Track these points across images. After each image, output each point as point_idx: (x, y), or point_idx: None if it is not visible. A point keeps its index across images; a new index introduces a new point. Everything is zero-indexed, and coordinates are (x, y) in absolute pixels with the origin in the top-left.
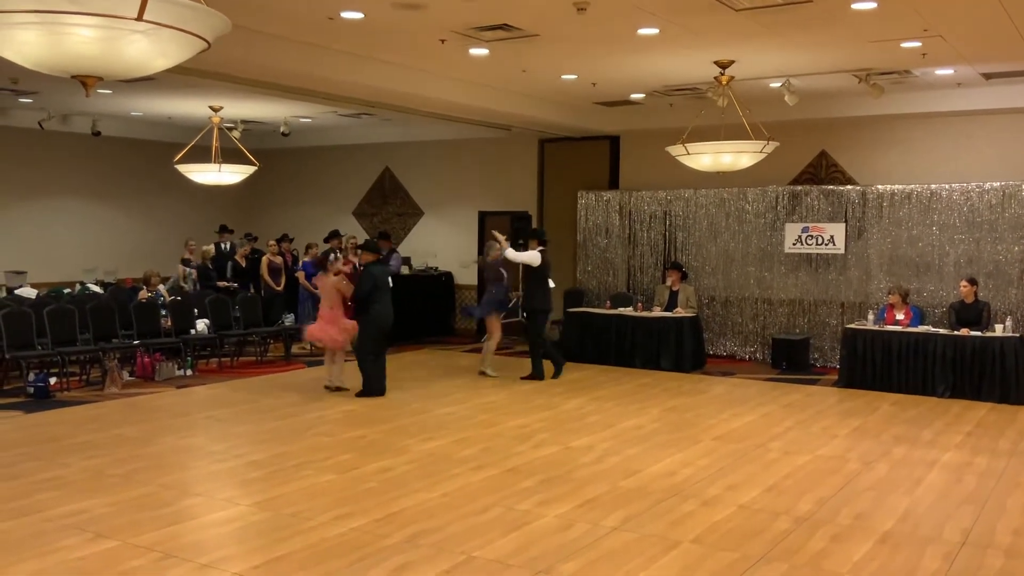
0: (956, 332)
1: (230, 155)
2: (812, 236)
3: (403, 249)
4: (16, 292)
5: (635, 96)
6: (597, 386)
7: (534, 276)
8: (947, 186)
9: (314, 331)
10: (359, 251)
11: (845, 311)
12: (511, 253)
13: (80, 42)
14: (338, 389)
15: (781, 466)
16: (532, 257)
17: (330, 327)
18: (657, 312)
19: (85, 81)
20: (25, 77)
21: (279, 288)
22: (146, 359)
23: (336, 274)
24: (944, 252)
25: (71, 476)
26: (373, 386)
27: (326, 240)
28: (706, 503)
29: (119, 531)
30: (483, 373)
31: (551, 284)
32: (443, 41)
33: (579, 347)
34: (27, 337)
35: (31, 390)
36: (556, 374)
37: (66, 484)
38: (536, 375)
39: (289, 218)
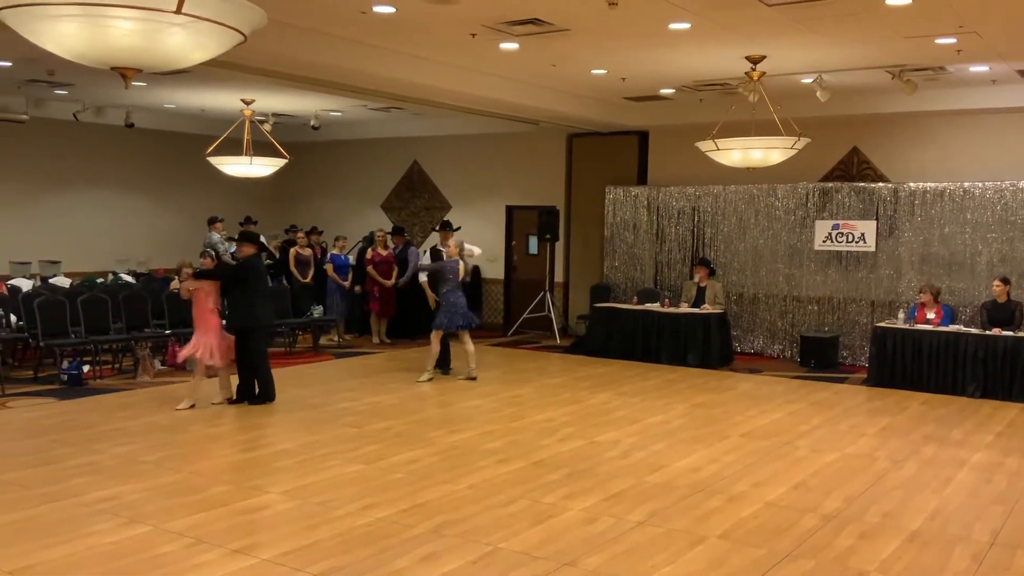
0: (988, 332)
1: (261, 148)
2: (843, 233)
3: (430, 242)
4: (50, 281)
5: (665, 91)
6: (623, 381)
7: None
8: (980, 184)
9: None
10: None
11: (875, 309)
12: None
13: (120, 35)
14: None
15: (809, 463)
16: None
17: (213, 338)
18: (684, 308)
19: (124, 73)
20: (61, 69)
21: (308, 280)
22: (177, 348)
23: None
24: (976, 251)
25: (104, 462)
26: (271, 390)
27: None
28: (732, 499)
29: (151, 516)
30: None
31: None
32: (474, 35)
33: (605, 342)
34: (61, 325)
35: (65, 378)
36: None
37: (99, 470)
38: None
39: (318, 211)
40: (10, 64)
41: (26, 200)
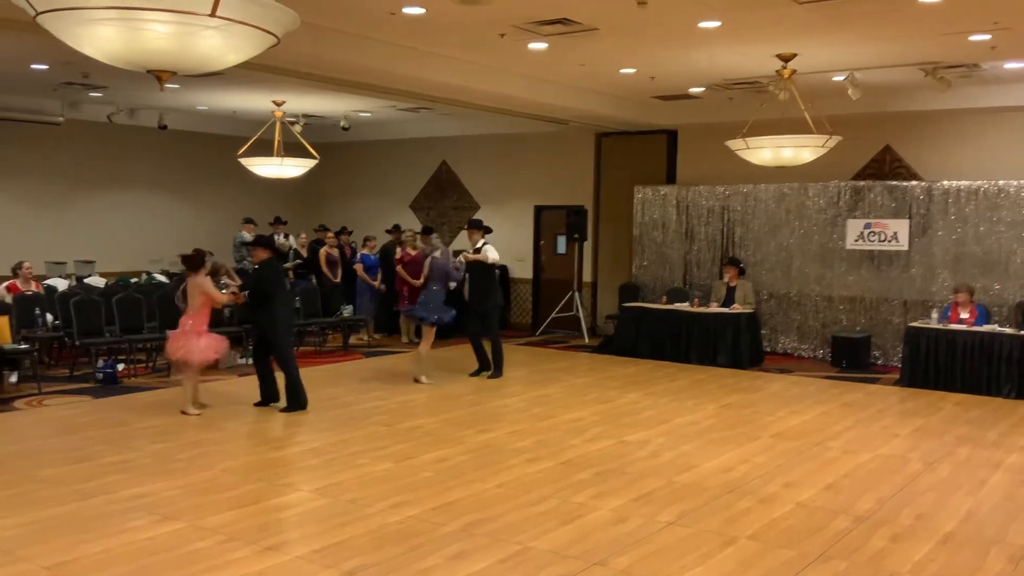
0: (1023, 332)
1: (292, 149)
2: (875, 232)
3: (459, 243)
4: (85, 281)
5: (694, 90)
6: (652, 381)
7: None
8: (1015, 182)
9: (180, 347)
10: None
11: (908, 309)
12: (490, 255)
13: (156, 38)
14: (202, 406)
15: (840, 464)
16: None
17: (200, 339)
18: (714, 308)
19: (160, 75)
20: (95, 72)
21: (337, 280)
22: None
23: (214, 273)
24: (1011, 250)
25: (138, 459)
26: (302, 395)
27: (388, 232)
28: (763, 500)
29: (184, 513)
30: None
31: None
32: (502, 35)
33: (634, 342)
34: (96, 325)
35: (100, 376)
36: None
37: (133, 467)
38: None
39: (347, 211)
40: (46, 67)
41: (62, 201)
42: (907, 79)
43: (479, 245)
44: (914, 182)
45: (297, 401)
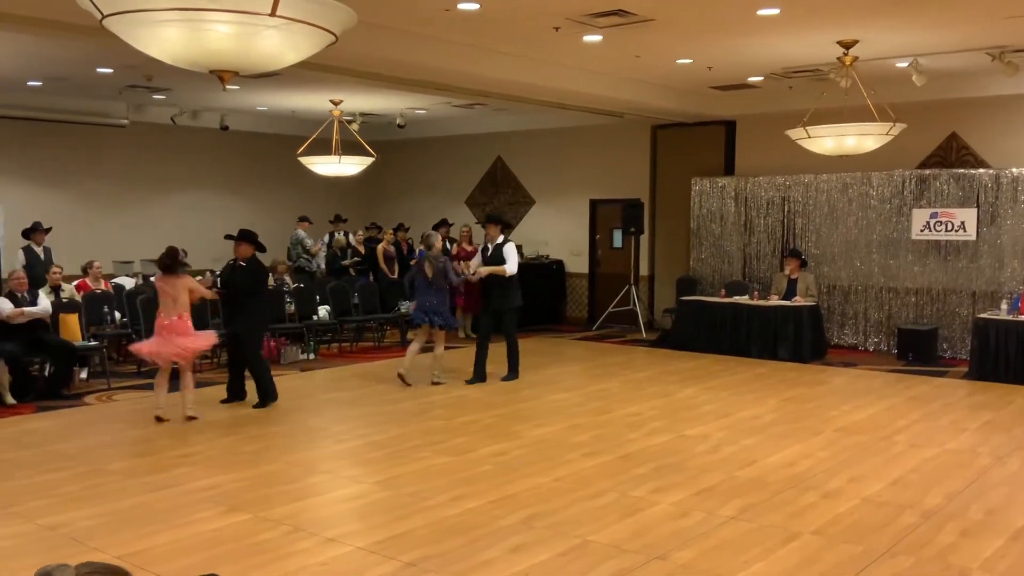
0: None
1: (349, 147)
2: (941, 222)
3: (514, 237)
4: (151, 279)
5: (753, 79)
6: (711, 375)
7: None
8: None
9: (157, 347)
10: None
11: (976, 300)
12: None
13: (218, 38)
14: (190, 419)
15: (907, 459)
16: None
17: (180, 339)
18: (775, 301)
19: (222, 76)
20: (159, 74)
21: (394, 276)
22: (272, 343)
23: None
24: None
25: (205, 452)
26: (272, 390)
27: (435, 228)
28: (827, 495)
29: (250, 505)
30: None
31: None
32: (557, 29)
33: (692, 336)
34: None
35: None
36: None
37: (200, 460)
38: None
39: (404, 207)
40: (111, 71)
41: (128, 201)
42: (973, 64)
43: (499, 242)
44: (981, 170)
45: (268, 395)
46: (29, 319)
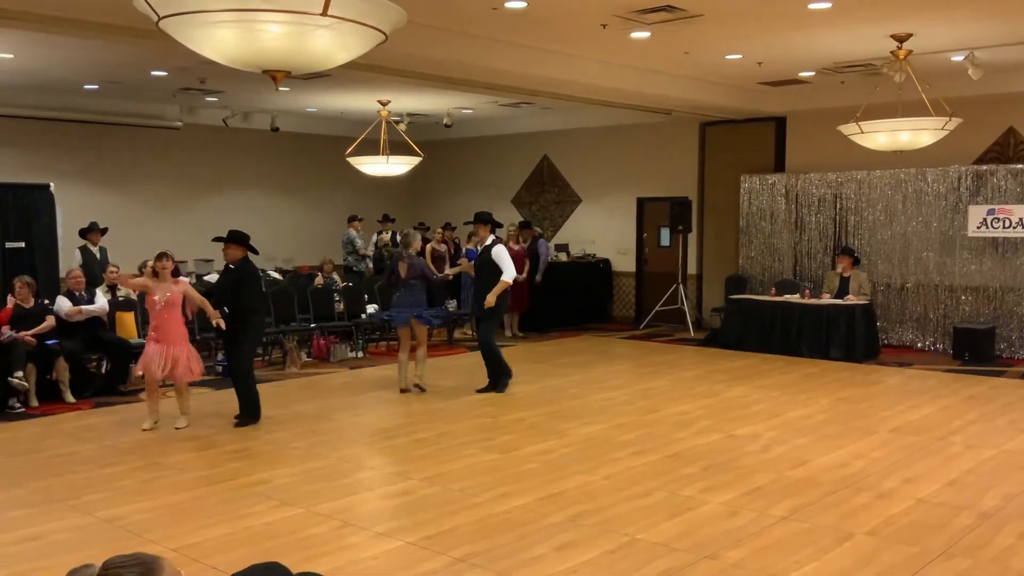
0: None
1: (397, 147)
2: (999, 219)
3: (561, 236)
4: (205, 279)
5: (803, 74)
6: (761, 375)
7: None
8: None
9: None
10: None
11: None
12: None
13: (271, 38)
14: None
15: (963, 460)
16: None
17: (177, 349)
18: (826, 299)
19: (274, 75)
20: (211, 77)
21: (443, 275)
22: (322, 341)
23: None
24: None
25: (257, 448)
26: (256, 408)
27: (467, 224)
28: (881, 496)
29: (301, 500)
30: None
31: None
32: (604, 26)
33: (741, 335)
34: None
35: (219, 369)
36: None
37: (253, 455)
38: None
39: (451, 207)
40: (165, 74)
41: (182, 202)
42: None
43: (488, 243)
44: None
45: (252, 414)
46: (87, 317)
